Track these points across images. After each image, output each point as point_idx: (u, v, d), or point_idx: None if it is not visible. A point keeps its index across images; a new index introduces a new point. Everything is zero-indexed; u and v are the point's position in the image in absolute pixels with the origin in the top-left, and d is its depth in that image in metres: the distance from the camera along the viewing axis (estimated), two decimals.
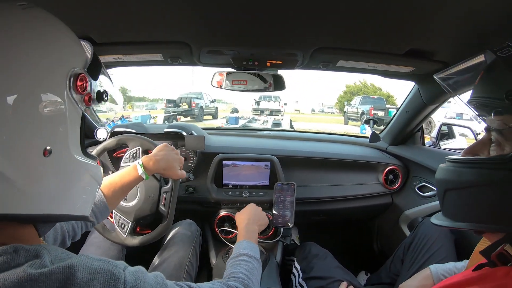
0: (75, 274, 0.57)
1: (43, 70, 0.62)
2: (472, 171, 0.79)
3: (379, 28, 1.24)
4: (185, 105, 21.82)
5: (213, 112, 24.35)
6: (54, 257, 0.60)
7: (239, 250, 1.29)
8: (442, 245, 1.58)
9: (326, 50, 1.54)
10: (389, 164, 2.35)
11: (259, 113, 24.14)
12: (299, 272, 1.79)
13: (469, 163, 0.81)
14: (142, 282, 0.67)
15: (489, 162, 0.77)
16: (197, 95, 23.21)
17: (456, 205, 0.85)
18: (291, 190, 1.96)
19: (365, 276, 2.15)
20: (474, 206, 0.80)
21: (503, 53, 0.76)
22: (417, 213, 2.15)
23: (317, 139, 2.84)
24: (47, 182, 0.63)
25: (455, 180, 0.83)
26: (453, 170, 0.84)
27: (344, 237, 2.87)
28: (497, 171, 0.74)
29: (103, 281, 0.60)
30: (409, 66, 1.67)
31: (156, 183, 1.66)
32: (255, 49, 1.58)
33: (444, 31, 1.23)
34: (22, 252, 0.57)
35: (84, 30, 1.36)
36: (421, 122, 2.30)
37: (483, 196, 0.77)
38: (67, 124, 0.67)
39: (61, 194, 0.67)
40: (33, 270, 0.54)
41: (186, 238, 1.74)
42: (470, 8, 1.02)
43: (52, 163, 0.63)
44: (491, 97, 0.79)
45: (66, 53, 0.68)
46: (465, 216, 0.83)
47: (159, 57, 1.67)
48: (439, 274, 1.36)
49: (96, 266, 0.61)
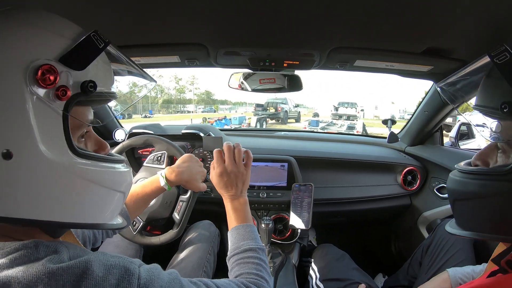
0: (91, 268, 0.58)
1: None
2: (475, 182, 0.80)
3: (396, 26, 1.23)
4: (272, 109, 23.77)
5: (296, 116, 26.67)
6: (73, 254, 0.61)
7: (240, 242, 1.14)
8: (461, 248, 1.56)
9: (343, 50, 1.53)
10: (408, 165, 2.33)
11: (337, 118, 26.06)
12: (316, 274, 1.79)
13: (472, 174, 0.82)
14: (156, 277, 0.67)
15: (491, 174, 0.78)
16: (282, 100, 25.15)
17: (463, 214, 0.87)
18: (309, 191, 1.95)
19: (383, 278, 2.12)
20: (479, 216, 0.81)
21: (499, 59, 0.74)
22: (436, 214, 2.12)
23: (334, 140, 2.82)
24: (17, 186, 0.59)
25: (461, 190, 0.84)
26: (459, 180, 0.85)
27: (361, 239, 2.85)
28: (499, 182, 0.74)
29: (118, 276, 0.61)
30: (427, 65, 1.65)
31: (175, 189, 1.67)
32: (271, 50, 1.58)
33: (462, 28, 1.21)
34: (42, 247, 0.58)
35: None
36: (440, 122, 2.26)
37: (486, 207, 0.78)
38: (32, 124, 0.58)
39: (41, 199, 0.61)
40: (51, 264, 0.56)
41: (205, 239, 1.75)
42: (488, 5, 1.00)
43: (16, 167, 0.58)
44: (488, 107, 0.79)
45: (24, 45, 0.60)
46: (471, 226, 0.84)
47: (176, 59, 1.68)
48: (457, 277, 1.34)
49: (111, 261, 0.62)
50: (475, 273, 1.34)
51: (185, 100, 62.36)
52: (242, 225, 1.21)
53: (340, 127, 18.52)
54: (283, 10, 1.13)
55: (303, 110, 40.28)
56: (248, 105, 55.70)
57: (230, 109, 53.83)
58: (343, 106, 28.04)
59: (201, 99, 64.62)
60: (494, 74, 0.79)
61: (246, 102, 61.50)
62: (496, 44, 0.75)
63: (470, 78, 0.91)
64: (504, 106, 0.72)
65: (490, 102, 0.78)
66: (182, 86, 64.55)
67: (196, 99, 64.18)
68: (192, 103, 61.02)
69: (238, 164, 1.25)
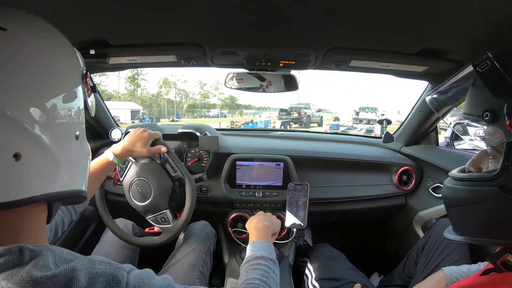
0: (76, 277, 0.59)
1: (70, 72, 0.72)
2: (466, 189, 0.82)
3: (392, 27, 1.23)
4: (295, 113, 25.50)
5: (318, 120, 28.00)
6: (59, 258, 0.62)
7: (253, 252, 1.24)
8: (456, 247, 1.56)
9: (339, 50, 1.53)
10: (403, 165, 2.33)
11: (357, 122, 27.71)
12: (312, 273, 1.79)
13: (463, 181, 0.84)
14: (146, 285, 0.67)
15: (479, 179, 0.80)
16: (305, 105, 27.25)
17: (457, 220, 0.90)
18: (305, 190, 1.96)
19: (378, 277, 2.13)
20: (471, 221, 0.83)
21: (481, 68, 0.76)
22: (431, 214, 2.13)
23: (330, 140, 2.83)
24: (78, 161, 0.74)
25: (453, 197, 0.87)
26: (451, 187, 0.88)
27: (357, 238, 2.86)
28: (488, 187, 0.76)
29: (105, 284, 0.61)
30: (422, 66, 1.65)
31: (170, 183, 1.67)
32: (268, 50, 1.58)
33: (457, 30, 1.22)
34: (27, 251, 0.58)
35: (98, 33, 1.37)
36: (435, 123, 2.27)
37: (477, 212, 0.80)
38: (84, 113, 0.77)
39: (80, 171, 0.75)
40: (37, 272, 0.56)
41: (201, 239, 1.74)
42: (484, 6, 1.01)
43: (79, 146, 0.74)
44: (473, 115, 0.80)
45: (77, 57, 0.77)
46: (466, 231, 0.87)
47: (172, 58, 1.68)
48: (453, 276, 1.35)
49: (98, 269, 0.63)
50: (471, 272, 1.35)
51: (209, 105, 63.43)
52: (260, 240, 1.34)
53: (359, 130, 19.63)
54: (280, 10, 1.13)
55: (327, 115, 43.17)
56: (272, 110, 57.68)
57: (254, 113, 55.05)
58: (363, 111, 29.79)
59: (225, 103, 65.32)
60: (478, 83, 0.80)
61: (270, 107, 63.02)
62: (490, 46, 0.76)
63: (459, 86, 0.93)
64: (486, 114, 0.74)
65: (474, 111, 0.80)
66: (207, 91, 65.54)
67: (220, 103, 64.84)
68: (216, 107, 61.94)
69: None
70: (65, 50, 0.72)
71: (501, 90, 0.73)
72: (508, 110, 0.71)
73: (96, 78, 52.53)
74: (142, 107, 43.49)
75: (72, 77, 0.72)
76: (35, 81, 0.62)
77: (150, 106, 53.99)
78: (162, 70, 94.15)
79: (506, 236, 0.77)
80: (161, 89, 60.42)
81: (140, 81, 56.61)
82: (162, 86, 61.04)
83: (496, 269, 0.80)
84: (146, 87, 73.46)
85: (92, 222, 2.20)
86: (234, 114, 52.64)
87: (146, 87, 69.76)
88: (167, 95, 61.25)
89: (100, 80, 53.33)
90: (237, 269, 1.87)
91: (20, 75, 0.59)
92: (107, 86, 59.65)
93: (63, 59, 0.70)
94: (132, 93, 55.83)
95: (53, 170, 0.66)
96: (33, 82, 0.61)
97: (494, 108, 0.74)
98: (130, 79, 55.56)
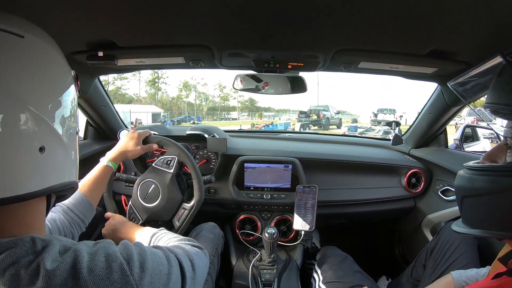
0: (80, 255, 0.65)
1: (68, 71, 0.78)
2: (485, 179, 0.80)
3: (401, 28, 1.23)
4: (314, 116, 25.88)
5: (337, 123, 28.43)
6: (63, 247, 0.67)
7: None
8: (465, 251, 1.55)
9: (348, 52, 1.53)
10: (412, 167, 2.32)
11: (376, 124, 27.42)
12: (320, 276, 1.78)
13: (482, 170, 0.82)
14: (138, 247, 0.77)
15: (501, 170, 0.78)
16: (324, 107, 27.67)
17: (472, 212, 0.87)
18: (313, 193, 1.95)
19: (386, 281, 2.12)
20: (488, 213, 0.81)
21: (511, 57, 0.75)
22: (440, 217, 2.11)
23: (339, 142, 2.81)
24: (77, 154, 0.80)
25: (470, 187, 0.84)
26: (468, 177, 0.85)
27: (365, 241, 2.85)
28: (510, 178, 0.74)
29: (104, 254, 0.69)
30: (431, 67, 1.64)
31: (180, 196, 1.68)
32: (276, 52, 1.58)
33: (466, 31, 1.21)
34: (39, 241, 0.64)
35: (106, 34, 1.38)
36: (445, 124, 2.26)
37: (496, 203, 0.78)
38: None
39: (76, 164, 0.81)
40: (49, 264, 0.61)
41: (209, 241, 1.75)
42: (493, 7, 1.00)
43: (77, 139, 0.81)
44: (501, 104, 0.79)
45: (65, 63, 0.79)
46: (480, 223, 0.84)
47: (180, 60, 1.68)
48: (461, 280, 1.34)
49: (95, 248, 0.70)
50: (479, 276, 1.33)
51: (229, 108, 63.91)
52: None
53: (377, 132, 19.44)
54: (288, 12, 1.13)
55: (346, 116, 44.31)
56: (292, 112, 58.51)
57: (274, 116, 55.20)
58: (382, 113, 29.99)
59: (245, 106, 65.56)
60: (506, 73, 0.79)
61: (289, 109, 63.03)
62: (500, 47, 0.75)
63: (482, 78, 0.92)
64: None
65: (501, 99, 0.79)
66: (226, 94, 65.86)
67: (240, 106, 65.08)
68: (236, 110, 62.12)
69: None
70: (63, 53, 0.78)
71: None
72: None
73: (118, 82, 51.95)
74: (162, 110, 43.90)
75: (69, 75, 0.78)
76: (50, 80, 0.69)
77: (171, 109, 54.44)
78: (182, 73, 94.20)
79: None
80: (181, 92, 61.14)
81: (161, 84, 57.26)
82: (182, 89, 61.70)
83: (508, 272, 0.79)
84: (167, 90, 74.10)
85: (100, 223, 2.21)
86: (253, 117, 53.04)
87: (166, 90, 70.69)
88: (187, 98, 61.91)
89: (121, 84, 54.62)
90: (245, 270, 1.87)
91: (38, 75, 0.66)
92: (128, 90, 60.47)
93: (63, 60, 0.76)
94: (153, 97, 56.41)
95: (66, 162, 0.73)
96: (49, 81, 0.69)
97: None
98: (150, 82, 56.38)
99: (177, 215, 1.68)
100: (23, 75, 0.63)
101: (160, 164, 1.72)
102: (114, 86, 53.93)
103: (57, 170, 0.70)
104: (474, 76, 0.96)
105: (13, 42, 0.63)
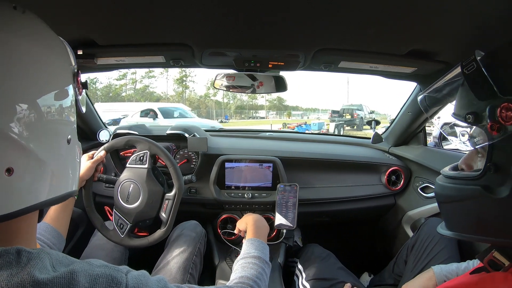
0: (77, 279, 0.59)
1: (59, 70, 0.71)
2: (452, 187, 0.84)
3: (381, 29, 1.24)
4: (348, 115, 24.62)
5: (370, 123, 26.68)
6: (56, 261, 0.61)
7: (251, 250, 1.26)
8: (445, 245, 1.58)
9: (328, 51, 1.54)
10: (392, 165, 2.35)
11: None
12: (302, 274, 1.79)
13: (451, 179, 0.86)
14: (144, 285, 0.68)
15: (465, 178, 0.81)
16: (358, 107, 25.99)
17: (447, 216, 0.92)
18: (294, 191, 1.96)
19: (368, 277, 2.14)
20: (459, 218, 0.85)
21: (468, 69, 0.76)
22: (420, 213, 2.15)
23: (319, 140, 2.83)
24: (71, 164, 0.74)
25: (442, 194, 0.89)
26: (441, 185, 0.89)
27: (347, 238, 2.87)
28: (471, 187, 0.78)
29: (105, 285, 0.62)
30: (411, 67, 1.67)
31: (160, 188, 1.67)
32: (257, 51, 1.58)
33: (446, 31, 1.23)
34: (25, 253, 0.58)
35: (86, 33, 1.36)
36: (424, 123, 2.29)
37: (464, 210, 0.82)
38: (75, 114, 0.77)
39: (72, 173, 0.75)
40: (38, 274, 0.56)
41: (191, 240, 1.73)
42: (472, 7, 1.02)
43: (71, 148, 0.74)
44: (459, 115, 0.81)
45: (68, 54, 0.77)
46: (455, 227, 0.88)
47: (161, 59, 1.67)
48: (442, 275, 1.36)
49: (97, 271, 0.63)
50: (460, 270, 1.36)
51: (256, 106, 63.24)
52: (260, 240, 1.36)
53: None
54: (269, 11, 1.13)
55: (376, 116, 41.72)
56: (321, 112, 57.76)
57: (302, 115, 54.69)
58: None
59: (273, 105, 65.04)
60: (465, 84, 0.81)
61: (318, 108, 62.67)
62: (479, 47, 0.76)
63: (449, 87, 0.94)
64: (469, 116, 0.75)
65: (460, 112, 0.81)
66: None
67: (268, 105, 64.63)
68: (264, 109, 61.49)
69: None
70: (53, 47, 0.71)
71: (483, 93, 0.74)
72: (490, 113, 0.71)
73: (145, 80, 51.22)
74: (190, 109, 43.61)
75: (61, 74, 0.71)
76: (24, 81, 0.60)
77: (198, 107, 53.47)
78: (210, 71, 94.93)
79: (492, 234, 0.78)
80: (208, 90, 60.02)
81: (189, 82, 56.36)
82: (209, 87, 60.55)
83: (486, 268, 0.81)
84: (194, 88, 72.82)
85: (80, 225, 2.17)
86: (282, 115, 52.52)
87: (194, 89, 69.44)
88: (214, 96, 60.89)
89: (149, 82, 53.70)
90: (227, 270, 1.86)
91: (9, 77, 0.58)
92: (156, 88, 59.51)
93: (51, 56, 0.69)
94: (180, 95, 55.49)
95: (46, 179, 0.66)
96: (21, 83, 0.60)
97: (477, 110, 0.75)
98: (178, 81, 55.28)
99: (162, 208, 1.66)
100: None
101: (134, 162, 1.70)
102: (142, 84, 53.01)
103: (32, 190, 0.63)
104: (442, 84, 0.97)
105: None
